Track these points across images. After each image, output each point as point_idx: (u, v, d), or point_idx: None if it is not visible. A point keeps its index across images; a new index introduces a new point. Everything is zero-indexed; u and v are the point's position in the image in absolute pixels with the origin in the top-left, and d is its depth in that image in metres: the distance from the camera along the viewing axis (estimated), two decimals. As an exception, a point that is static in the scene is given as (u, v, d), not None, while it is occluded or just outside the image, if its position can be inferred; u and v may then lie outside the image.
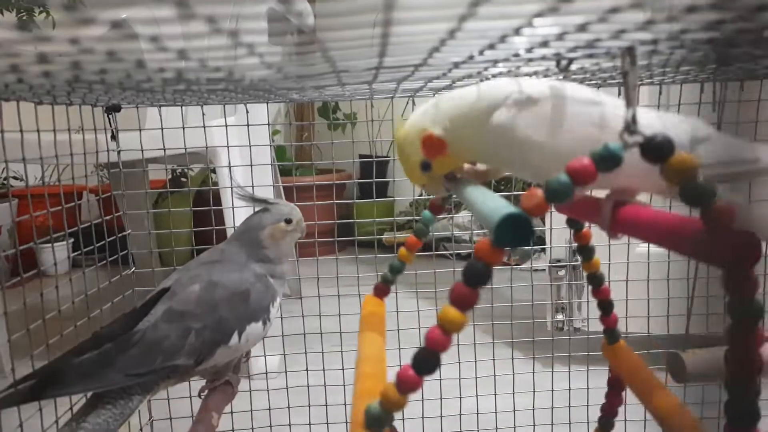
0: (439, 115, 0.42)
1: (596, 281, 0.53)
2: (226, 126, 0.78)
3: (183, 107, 0.77)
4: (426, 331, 0.28)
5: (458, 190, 0.41)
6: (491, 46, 0.38)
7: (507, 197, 0.46)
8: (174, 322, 0.54)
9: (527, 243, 0.27)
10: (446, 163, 0.43)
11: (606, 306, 0.54)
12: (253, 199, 0.64)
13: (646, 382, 0.47)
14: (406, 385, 0.28)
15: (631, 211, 0.37)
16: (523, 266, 1.51)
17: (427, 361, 0.28)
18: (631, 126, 0.32)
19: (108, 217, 0.79)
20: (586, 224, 0.53)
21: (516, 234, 0.27)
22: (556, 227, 0.92)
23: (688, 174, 0.28)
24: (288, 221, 0.63)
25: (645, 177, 0.37)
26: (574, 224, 0.53)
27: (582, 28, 0.31)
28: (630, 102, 0.33)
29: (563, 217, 0.84)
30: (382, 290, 0.56)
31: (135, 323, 0.54)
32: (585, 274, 0.54)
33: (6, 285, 0.60)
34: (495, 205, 0.29)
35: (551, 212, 0.92)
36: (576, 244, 0.54)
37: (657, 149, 0.29)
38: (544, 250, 1.14)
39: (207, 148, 0.77)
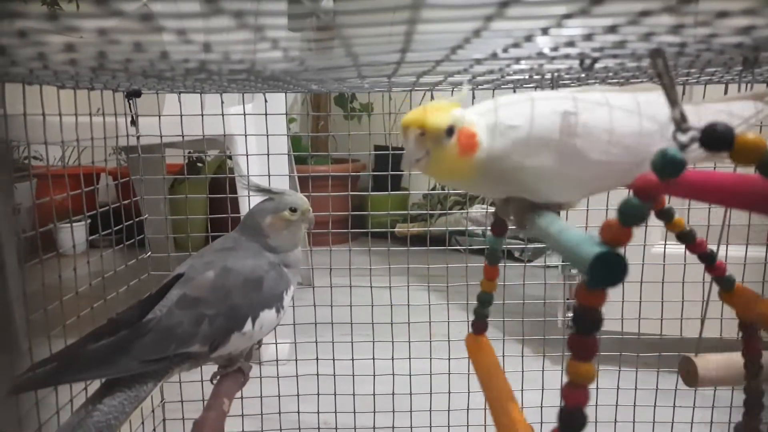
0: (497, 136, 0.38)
1: (688, 238, 0.51)
2: (245, 114, 0.79)
3: (202, 94, 0.78)
4: (563, 393, 0.28)
5: (527, 217, 0.39)
6: (516, 45, 0.37)
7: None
8: (188, 309, 0.54)
9: (625, 277, 0.26)
10: (454, 167, 0.38)
11: (707, 257, 0.52)
12: (259, 190, 0.64)
13: None
14: None
15: (702, 176, 0.35)
16: (535, 263, 1.51)
17: (573, 420, 0.28)
18: (681, 125, 0.31)
19: (126, 202, 0.80)
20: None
21: (611, 271, 0.26)
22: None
23: (760, 152, 0.28)
24: (293, 210, 0.63)
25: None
26: None
27: (611, 29, 0.31)
28: (674, 101, 0.32)
29: (577, 214, 0.83)
30: (479, 326, 0.55)
31: (150, 309, 0.55)
32: (674, 234, 0.52)
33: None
34: (578, 240, 0.28)
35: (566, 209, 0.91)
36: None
37: (720, 138, 0.28)
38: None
39: (225, 135, 0.77)
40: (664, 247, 0.83)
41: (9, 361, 0.58)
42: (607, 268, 0.26)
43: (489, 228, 0.52)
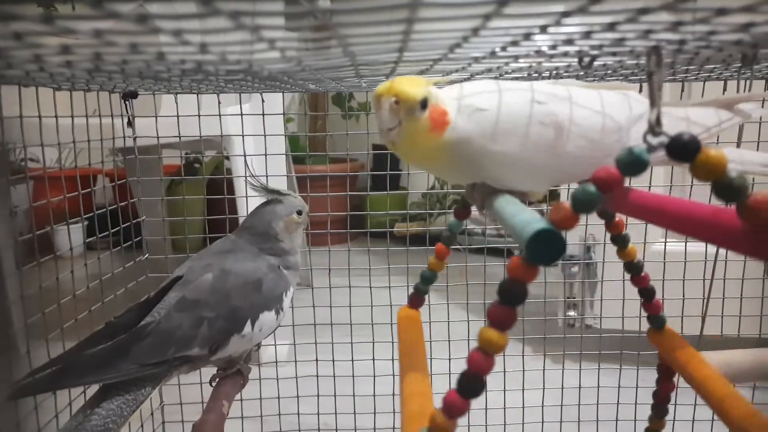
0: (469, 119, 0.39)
1: (635, 269, 0.52)
2: (242, 114, 0.78)
3: (198, 95, 0.77)
4: (468, 357, 0.28)
5: (488, 200, 0.40)
6: (514, 43, 0.37)
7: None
8: (187, 311, 0.54)
9: (560, 258, 0.26)
10: (424, 144, 0.38)
11: (647, 293, 0.53)
12: (267, 190, 0.64)
13: (697, 368, 0.46)
14: (454, 410, 0.28)
15: (658, 200, 0.36)
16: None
17: (471, 384, 0.28)
18: (654, 128, 0.31)
19: (123, 203, 0.80)
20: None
21: (549, 250, 0.26)
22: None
23: (718, 170, 0.27)
24: (299, 213, 0.63)
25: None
26: (605, 214, 0.52)
27: (610, 27, 0.30)
28: (654, 103, 0.32)
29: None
30: (416, 301, 0.55)
31: (148, 312, 0.55)
32: (622, 263, 0.53)
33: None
34: (525, 219, 0.28)
35: (530, 200, 0.91)
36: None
37: (684, 149, 0.29)
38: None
39: (222, 136, 0.77)
40: (665, 245, 0.83)
41: (7, 364, 0.57)
42: (545, 246, 0.26)
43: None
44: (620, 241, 0.53)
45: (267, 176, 0.80)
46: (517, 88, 0.40)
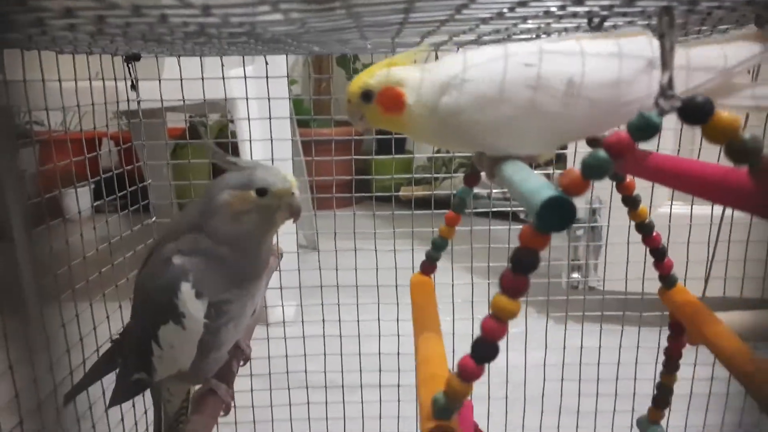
0: (422, 87, 0.40)
1: (646, 230, 0.52)
2: (245, 77, 0.78)
3: (201, 57, 0.76)
4: (482, 324, 0.29)
5: (496, 167, 0.40)
6: (522, 4, 0.36)
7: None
8: (125, 338, 0.59)
9: (570, 225, 0.26)
10: (389, 124, 0.43)
11: (658, 253, 0.53)
12: (224, 162, 0.50)
13: (707, 324, 0.47)
14: (468, 374, 0.29)
15: (669, 162, 0.36)
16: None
17: (485, 350, 0.29)
18: (666, 91, 0.31)
19: (129, 167, 0.80)
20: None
21: (559, 217, 0.26)
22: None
23: (732, 133, 0.27)
24: (261, 192, 0.47)
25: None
26: (615, 176, 0.52)
27: (620, -13, 0.30)
28: (666, 65, 0.32)
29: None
30: (427, 268, 0.55)
31: None
32: (627, 225, 0.53)
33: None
34: (534, 187, 0.28)
35: (537, 162, 0.91)
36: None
37: (697, 112, 0.28)
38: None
39: (226, 99, 0.76)
40: (671, 208, 0.83)
41: (20, 325, 0.59)
42: (555, 212, 0.26)
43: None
44: (631, 202, 0.52)
45: (272, 140, 0.80)
46: (513, 54, 0.39)
